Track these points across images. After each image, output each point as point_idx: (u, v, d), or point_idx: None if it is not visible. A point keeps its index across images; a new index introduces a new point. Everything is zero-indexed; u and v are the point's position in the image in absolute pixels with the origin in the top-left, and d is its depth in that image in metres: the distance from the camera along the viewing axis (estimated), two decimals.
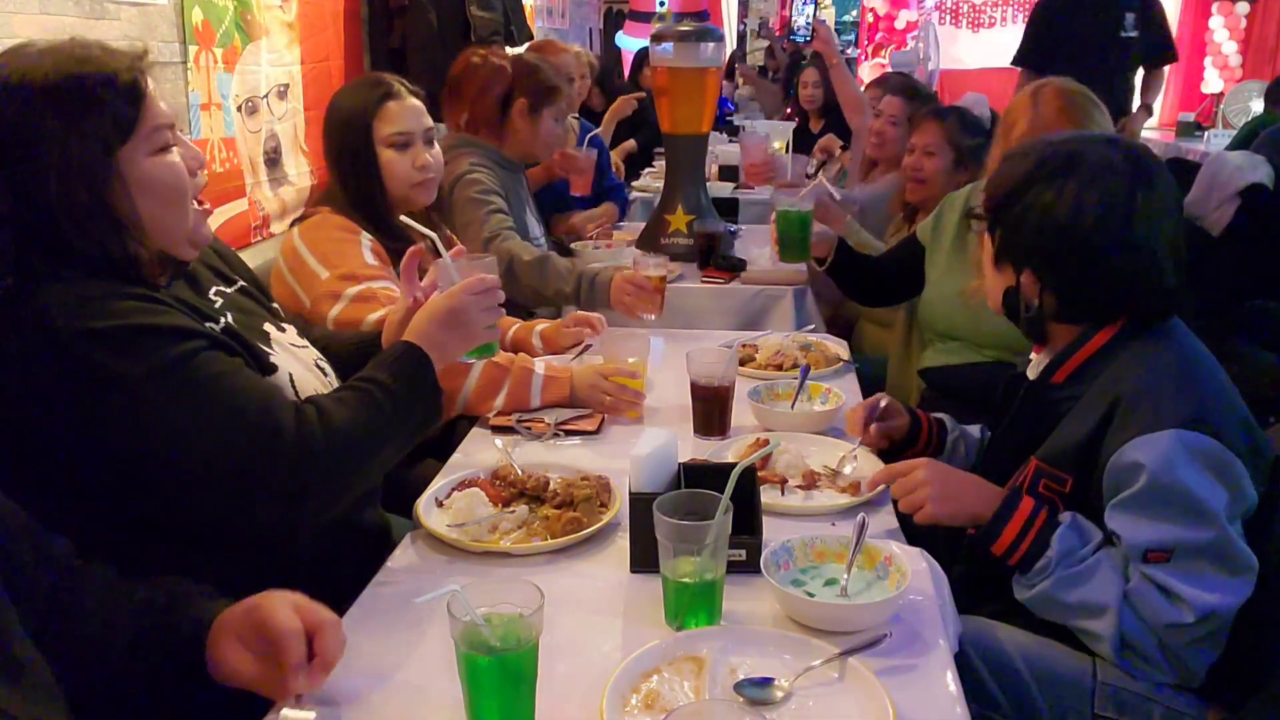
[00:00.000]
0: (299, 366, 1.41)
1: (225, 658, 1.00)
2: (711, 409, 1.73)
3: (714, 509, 1.14)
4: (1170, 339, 1.41)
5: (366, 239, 1.95)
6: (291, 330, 1.51)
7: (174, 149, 1.22)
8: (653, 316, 2.28)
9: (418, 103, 2.05)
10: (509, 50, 3.49)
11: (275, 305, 1.56)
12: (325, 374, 1.49)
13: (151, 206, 1.19)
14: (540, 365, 1.85)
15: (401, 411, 1.30)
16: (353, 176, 2.00)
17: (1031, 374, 1.54)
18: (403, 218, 1.69)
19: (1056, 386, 1.46)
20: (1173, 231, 1.41)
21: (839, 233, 2.58)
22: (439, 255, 1.50)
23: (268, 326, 1.43)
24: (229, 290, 1.41)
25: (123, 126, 1.16)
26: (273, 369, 1.34)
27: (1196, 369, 1.37)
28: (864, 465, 1.59)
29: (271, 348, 1.38)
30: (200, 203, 1.28)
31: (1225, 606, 1.25)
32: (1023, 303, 1.46)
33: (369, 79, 2.08)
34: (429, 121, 2.08)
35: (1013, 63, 4.88)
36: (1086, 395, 1.41)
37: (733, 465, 1.22)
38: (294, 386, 1.36)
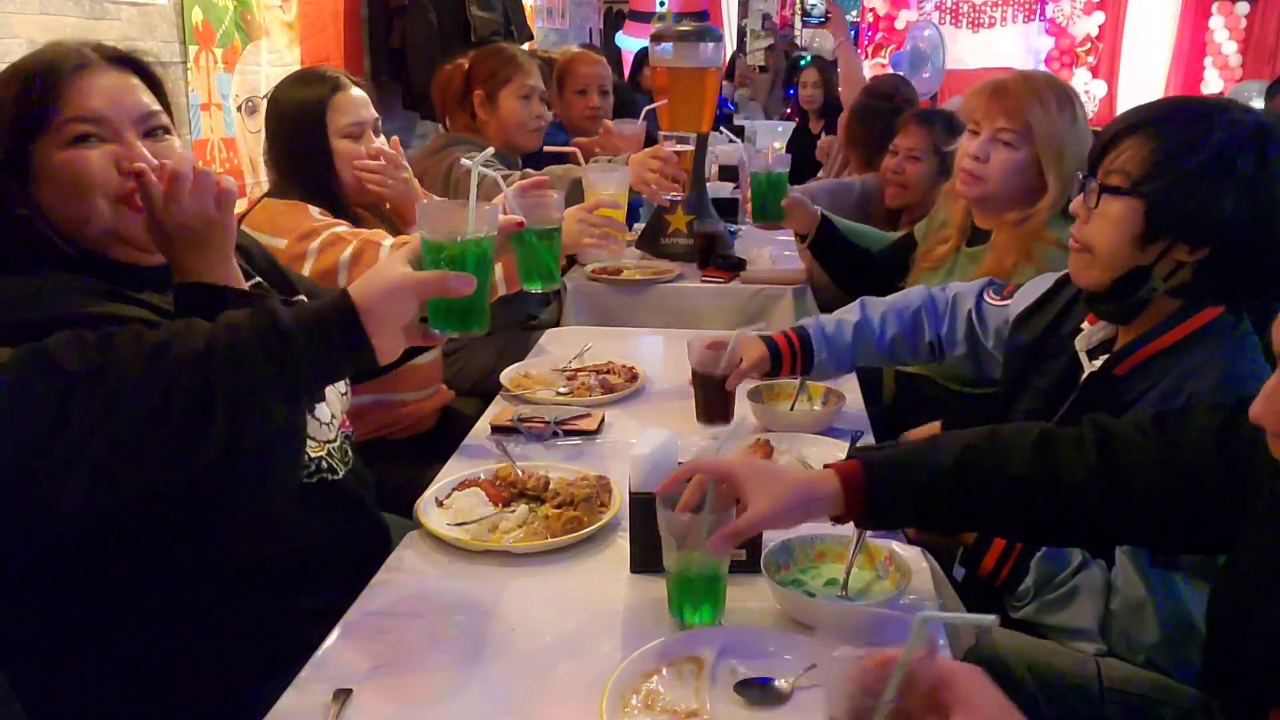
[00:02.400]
0: None
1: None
2: (713, 396, 1.74)
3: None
4: (1245, 343, 1.37)
5: (313, 208, 1.97)
6: None
7: (92, 143, 1.18)
8: (678, 196, 2.30)
9: (363, 93, 2.08)
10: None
11: (299, 300, 1.56)
12: None
13: (55, 201, 1.18)
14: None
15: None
16: (306, 168, 2.01)
17: (1082, 348, 1.48)
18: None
19: (1119, 379, 1.41)
20: None
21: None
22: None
23: None
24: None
25: (33, 120, 1.16)
26: None
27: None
28: None
29: None
30: (129, 202, 1.20)
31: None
32: (1152, 280, 1.36)
33: (313, 73, 2.09)
34: (374, 112, 2.10)
35: None
36: (1152, 392, 1.35)
37: None
38: None
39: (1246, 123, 1.31)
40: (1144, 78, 8.55)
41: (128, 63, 1.26)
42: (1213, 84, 8.25)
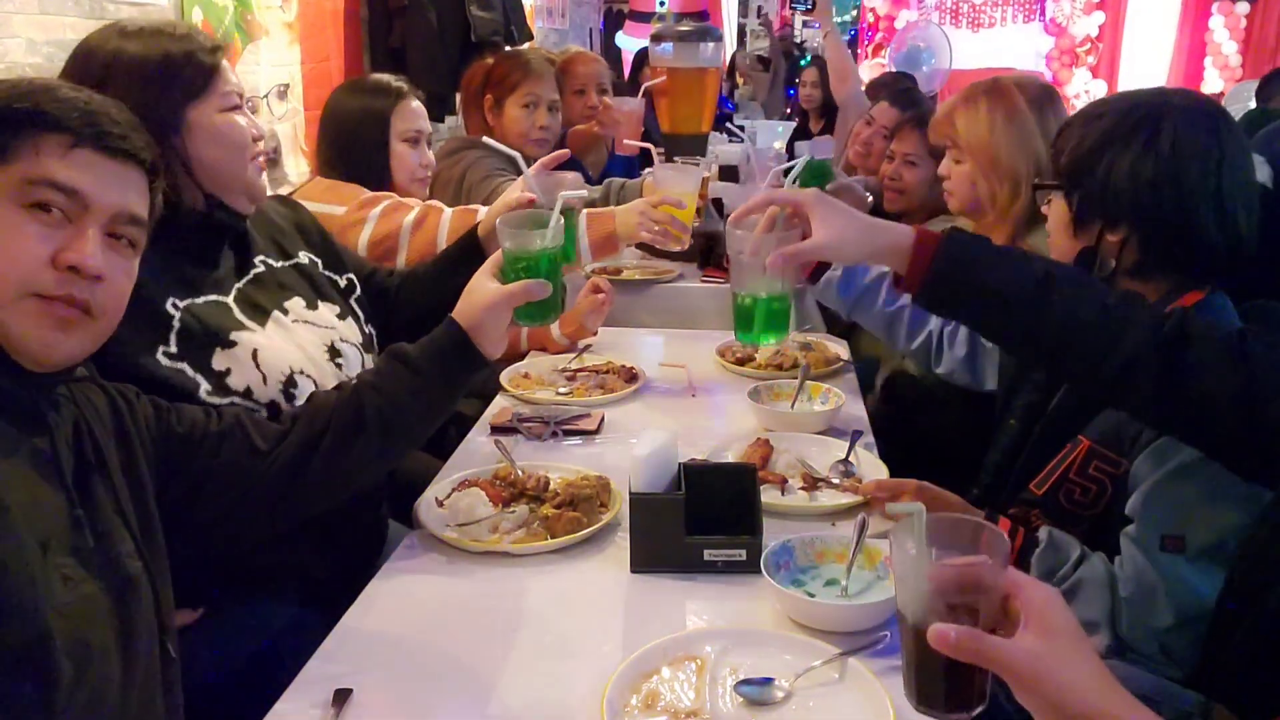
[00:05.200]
0: (288, 344, 1.42)
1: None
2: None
3: None
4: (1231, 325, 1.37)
5: (363, 189, 2.06)
6: (327, 309, 1.53)
7: (240, 112, 1.41)
8: (698, 224, 2.36)
9: (421, 106, 2.19)
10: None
11: (346, 278, 1.63)
12: (338, 354, 1.49)
13: (215, 153, 1.38)
14: (582, 217, 1.91)
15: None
16: (365, 164, 2.10)
17: None
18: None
19: None
20: (1246, 184, 1.37)
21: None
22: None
23: (289, 303, 1.47)
24: (276, 264, 1.50)
25: (195, 88, 1.37)
26: (230, 344, 1.35)
27: None
28: (865, 466, 1.59)
29: (252, 325, 1.39)
30: (256, 161, 1.43)
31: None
32: (1098, 264, 1.41)
33: (379, 81, 2.20)
34: (430, 126, 2.22)
35: None
36: None
37: (733, 466, 1.22)
38: (256, 360, 1.36)
39: (1145, 103, 1.37)
40: (1144, 78, 8.53)
41: None
42: (1213, 84, 8.24)
